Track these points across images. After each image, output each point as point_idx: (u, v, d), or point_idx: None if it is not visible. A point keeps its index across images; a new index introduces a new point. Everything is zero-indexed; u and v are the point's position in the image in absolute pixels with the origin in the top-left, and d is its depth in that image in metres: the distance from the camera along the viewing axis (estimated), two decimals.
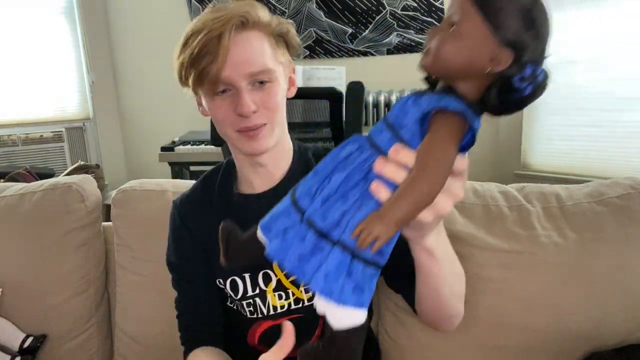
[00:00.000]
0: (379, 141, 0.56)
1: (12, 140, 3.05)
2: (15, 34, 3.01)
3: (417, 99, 0.55)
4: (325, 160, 0.59)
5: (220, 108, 0.80)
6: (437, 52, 0.53)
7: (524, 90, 0.54)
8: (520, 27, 0.51)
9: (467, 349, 0.99)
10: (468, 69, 0.53)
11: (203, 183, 0.95)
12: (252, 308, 0.86)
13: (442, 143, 0.51)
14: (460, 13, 0.52)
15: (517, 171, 2.93)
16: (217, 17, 0.77)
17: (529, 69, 0.52)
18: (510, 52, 0.51)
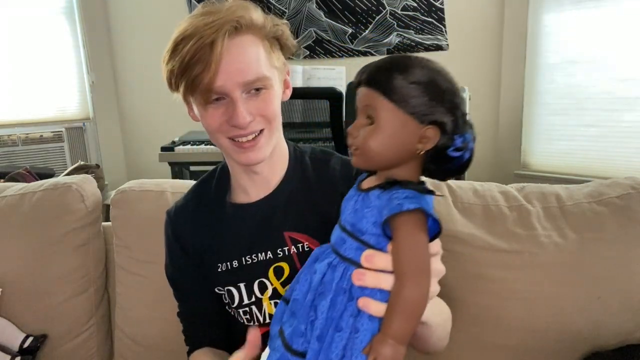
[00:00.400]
0: (346, 253, 0.56)
1: (12, 140, 3.05)
2: (15, 34, 3.01)
3: (365, 198, 0.56)
4: (302, 289, 0.58)
5: (213, 117, 0.77)
6: (365, 149, 0.54)
7: (462, 157, 0.56)
8: (431, 103, 0.52)
9: (467, 349, 0.99)
10: (401, 156, 0.54)
11: (196, 192, 0.93)
12: (248, 316, 0.85)
13: (413, 245, 0.52)
14: (373, 106, 0.53)
15: (517, 171, 2.93)
16: (208, 23, 0.72)
17: (458, 139, 0.54)
18: (435, 128, 0.53)
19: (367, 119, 0.54)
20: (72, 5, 3.11)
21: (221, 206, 0.88)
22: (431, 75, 0.53)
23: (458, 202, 1.04)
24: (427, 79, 0.53)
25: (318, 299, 0.56)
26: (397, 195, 0.52)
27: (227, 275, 0.85)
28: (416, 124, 0.53)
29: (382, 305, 0.53)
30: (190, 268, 0.89)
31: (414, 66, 0.53)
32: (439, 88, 0.53)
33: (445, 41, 2.92)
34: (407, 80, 0.52)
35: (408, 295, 0.51)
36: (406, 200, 0.51)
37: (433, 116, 0.53)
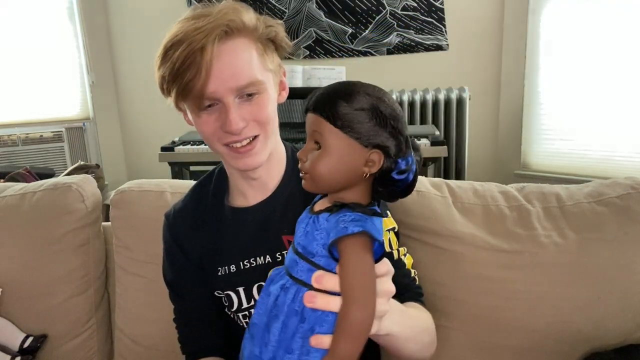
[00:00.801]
0: (298, 275, 0.58)
1: (12, 140, 3.05)
2: (14, 34, 3.01)
3: (315, 221, 0.58)
4: (257, 312, 0.60)
5: (207, 124, 0.76)
6: (314, 173, 0.57)
7: (407, 179, 0.58)
8: (375, 128, 0.55)
9: (467, 349, 0.99)
10: (348, 179, 0.57)
11: (194, 194, 0.92)
12: (248, 320, 0.85)
13: (357, 267, 0.54)
14: (320, 132, 0.56)
15: (517, 171, 2.93)
16: (198, 28, 0.71)
17: (401, 162, 0.56)
18: (379, 152, 0.55)
19: (315, 144, 0.57)
20: (72, 6, 3.11)
21: (219, 210, 0.87)
22: (374, 102, 0.56)
23: (458, 202, 1.04)
24: (370, 105, 0.55)
25: (272, 321, 0.58)
26: (344, 218, 0.54)
27: (226, 280, 0.84)
28: (361, 148, 0.55)
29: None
30: (190, 270, 0.88)
31: (358, 93, 0.56)
32: (381, 114, 0.55)
33: (445, 41, 2.92)
34: (351, 106, 0.55)
35: (353, 317, 0.53)
36: (352, 224, 0.53)
37: (377, 140, 0.55)
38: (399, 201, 1.02)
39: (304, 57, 3.02)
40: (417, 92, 2.84)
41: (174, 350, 1.03)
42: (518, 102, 2.88)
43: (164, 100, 0.81)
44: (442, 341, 0.99)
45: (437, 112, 2.83)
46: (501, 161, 3.00)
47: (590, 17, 2.57)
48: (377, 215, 0.57)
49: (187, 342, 0.92)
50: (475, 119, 2.91)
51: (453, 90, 2.82)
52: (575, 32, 2.63)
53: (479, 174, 2.97)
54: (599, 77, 2.58)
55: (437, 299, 0.99)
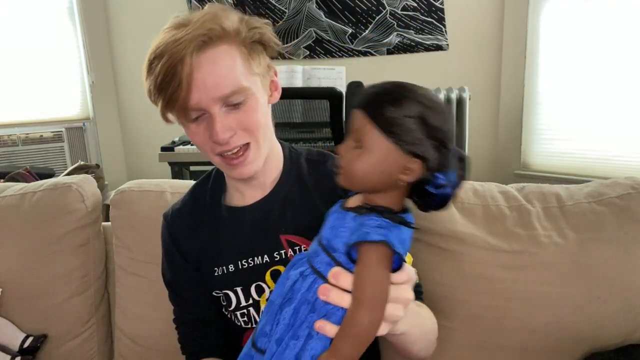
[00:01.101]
0: (318, 265, 0.58)
1: (12, 140, 3.04)
2: (15, 34, 3.01)
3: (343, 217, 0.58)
4: (277, 291, 0.61)
5: (197, 135, 0.76)
6: (349, 171, 0.56)
7: (443, 192, 0.57)
8: (419, 137, 0.53)
9: (467, 349, 0.99)
10: (383, 183, 0.56)
11: (192, 195, 0.92)
12: (246, 318, 0.85)
13: (371, 275, 0.53)
14: (363, 131, 0.55)
15: (517, 171, 2.93)
16: (177, 39, 0.70)
17: (440, 176, 0.55)
18: (418, 162, 0.54)
19: (355, 142, 0.56)
20: (72, 6, 3.11)
21: (217, 209, 0.87)
22: (424, 110, 0.54)
23: (458, 202, 1.04)
24: (418, 113, 0.54)
25: (286, 304, 0.59)
26: (369, 222, 0.54)
27: (224, 279, 0.84)
28: (401, 155, 0.54)
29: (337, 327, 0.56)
30: (189, 271, 0.88)
31: (409, 99, 0.54)
32: (429, 124, 0.54)
33: (445, 41, 2.92)
34: (400, 112, 0.53)
35: (359, 321, 0.53)
36: (375, 230, 0.53)
37: (418, 150, 0.54)
38: None
39: (304, 57, 3.02)
40: None
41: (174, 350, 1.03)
42: (518, 102, 2.88)
43: None
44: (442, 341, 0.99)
45: None
46: (501, 161, 3.00)
47: (590, 17, 2.57)
48: (405, 224, 0.56)
49: (187, 343, 0.92)
50: (475, 119, 2.90)
51: (453, 90, 2.82)
52: (575, 32, 2.63)
53: (479, 174, 2.96)
54: (599, 77, 2.58)
55: (437, 299, 0.99)
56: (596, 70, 2.58)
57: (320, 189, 0.85)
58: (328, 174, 0.85)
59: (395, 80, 0.56)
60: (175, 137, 2.63)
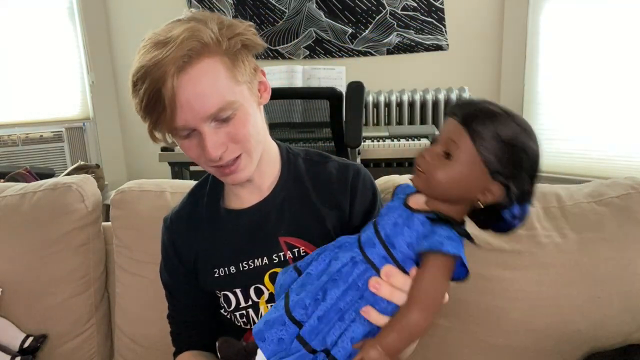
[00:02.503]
0: (372, 256, 0.58)
1: (12, 140, 3.04)
2: (15, 34, 3.01)
3: (409, 218, 0.58)
4: (318, 267, 0.61)
5: (189, 150, 0.76)
6: (432, 178, 0.56)
7: (513, 223, 0.58)
8: (510, 165, 0.54)
9: (467, 349, 0.99)
10: (460, 196, 0.57)
11: (191, 196, 0.92)
12: (245, 319, 0.85)
13: (436, 283, 0.55)
14: (457, 143, 0.55)
15: None
16: (157, 62, 0.67)
17: (516, 207, 0.56)
18: (502, 187, 0.55)
19: (444, 151, 0.56)
20: (72, 6, 3.11)
21: (215, 211, 0.87)
22: (524, 140, 0.54)
23: None
24: (518, 142, 0.54)
25: (330, 284, 0.59)
26: (441, 232, 0.55)
27: (223, 281, 0.84)
28: (487, 176, 0.54)
29: (382, 317, 0.57)
30: (184, 275, 0.89)
31: (512, 125, 0.54)
32: (524, 155, 0.54)
33: (445, 41, 2.92)
34: (501, 134, 0.54)
35: (413, 321, 0.54)
36: (448, 242, 0.54)
37: (503, 176, 0.54)
38: None
39: (304, 57, 3.02)
40: (417, 92, 2.84)
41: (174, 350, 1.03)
42: (518, 102, 2.88)
43: None
44: (442, 341, 1.00)
45: (437, 112, 2.83)
46: None
47: (590, 17, 2.57)
48: (469, 238, 0.58)
49: (177, 339, 0.94)
50: None
51: (453, 90, 2.82)
52: (575, 32, 2.63)
53: None
54: (599, 77, 2.58)
55: None
56: (596, 70, 2.58)
57: (318, 190, 0.85)
58: (327, 175, 0.86)
59: (499, 104, 0.57)
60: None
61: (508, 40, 2.86)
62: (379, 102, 2.85)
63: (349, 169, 0.86)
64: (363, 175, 0.86)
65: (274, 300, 0.82)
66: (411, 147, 2.29)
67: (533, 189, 0.56)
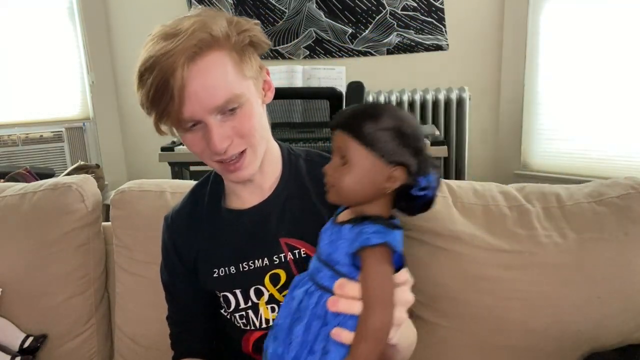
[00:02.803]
0: (322, 281, 0.61)
1: (12, 140, 3.04)
2: (15, 34, 3.01)
3: (339, 231, 0.61)
4: (281, 314, 0.64)
5: (194, 144, 0.76)
6: (339, 187, 0.60)
7: (426, 195, 0.62)
8: (398, 147, 0.58)
9: (467, 349, 0.99)
10: (371, 194, 0.60)
11: (192, 196, 0.92)
12: (244, 320, 0.85)
13: (378, 276, 0.57)
14: (346, 148, 0.59)
15: (517, 171, 2.93)
16: (166, 52, 0.68)
17: (422, 180, 0.60)
18: (401, 169, 0.59)
19: (341, 160, 0.60)
20: (72, 6, 3.11)
21: (216, 211, 0.87)
22: (398, 122, 0.59)
23: (458, 202, 1.04)
24: (394, 125, 0.59)
25: (296, 322, 0.61)
26: (366, 229, 0.58)
27: (222, 281, 0.84)
28: (384, 165, 0.59)
29: (352, 334, 0.58)
30: (184, 275, 0.89)
31: (383, 114, 0.59)
32: (404, 134, 0.59)
33: (445, 41, 2.92)
34: (377, 126, 0.58)
35: (373, 323, 0.56)
36: (374, 235, 0.57)
37: (399, 158, 0.59)
38: None
39: (304, 57, 3.02)
40: (417, 92, 2.84)
41: None
42: (518, 102, 2.88)
43: None
44: (442, 341, 1.00)
45: (437, 112, 2.83)
46: (501, 161, 3.00)
47: (590, 17, 2.57)
48: (397, 228, 0.60)
49: (177, 341, 0.94)
50: (475, 119, 2.90)
51: (453, 90, 2.82)
52: (575, 32, 2.63)
53: (479, 174, 2.96)
54: (599, 77, 2.58)
55: (436, 299, 0.99)
56: (596, 70, 2.58)
57: (320, 191, 0.84)
58: None
59: (367, 103, 0.62)
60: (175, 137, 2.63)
61: (508, 40, 2.86)
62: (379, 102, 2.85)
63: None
64: None
65: (274, 302, 0.82)
66: None
67: (427, 157, 0.61)
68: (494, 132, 3.01)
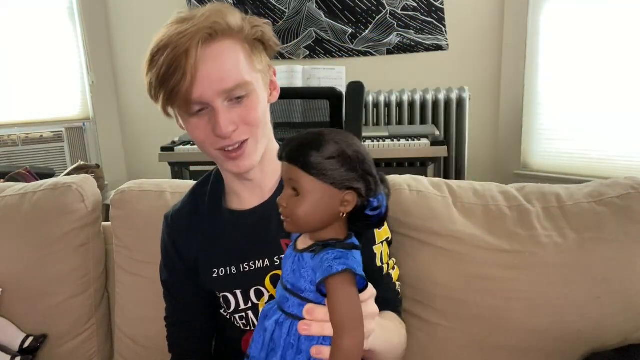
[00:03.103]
0: (290, 310, 0.63)
1: (12, 140, 3.05)
2: (15, 34, 3.01)
3: (301, 259, 0.63)
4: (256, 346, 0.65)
5: (198, 129, 0.76)
6: (294, 218, 0.62)
7: (379, 214, 0.63)
8: (346, 173, 0.60)
9: (467, 349, 0.99)
10: (326, 219, 0.61)
11: (192, 196, 0.92)
12: (244, 321, 0.85)
13: (344, 301, 0.58)
14: (296, 180, 0.60)
15: (517, 171, 2.93)
16: (182, 32, 0.70)
17: (373, 200, 0.62)
18: (352, 193, 0.60)
19: (293, 191, 0.61)
20: (72, 6, 3.11)
21: (216, 212, 0.87)
22: (343, 148, 0.60)
23: (458, 202, 1.04)
24: (339, 152, 0.60)
25: (270, 355, 0.63)
26: (327, 256, 0.59)
27: (222, 282, 0.84)
28: (336, 191, 0.60)
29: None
30: (184, 273, 0.89)
31: (327, 142, 0.60)
32: (350, 159, 0.60)
33: (445, 41, 2.92)
34: (322, 155, 0.59)
35: (344, 346, 0.57)
36: (335, 262, 0.58)
37: (349, 183, 0.60)
38: (398, 201, 1.02)
39: (304, 57, 3.02)
40: (417, 92, 2.84)
41: None
42: (518, 102, 2.88)
43: None
44: (442, 341, 1.00)
45: (437, 112, 2.83)
46: (501, 161, 3.00)
47: (590, 17, 2.57)
48: (356, 248, 0.62)
49: (174, 343, 0.93)
50: (475, 119, 2.90)
51: (453, 90, 2.82)
52: (575, 32, 2.63)
53: (479, 174, 2.96)
54: (599, 77, 2.58)
55: (437, 299, 0.99)
56: (596, 70, 2.58)
57: None
58: None
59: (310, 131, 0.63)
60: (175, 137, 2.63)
61: (508, 40, 2.86)
62: (379, 102, 2.85)
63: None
64: None
65: None
66: (411, 147, 2.29)
67: (375, 177, 0.62)
68: (494, 132, 3.01)
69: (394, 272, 0.88)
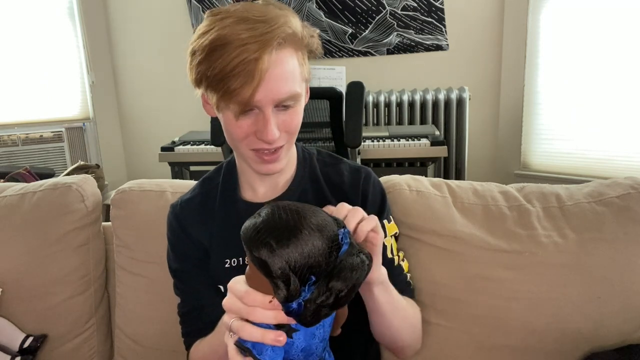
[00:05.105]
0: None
1: (12, 140, 3.05)
2: (15, 34, 3.01)
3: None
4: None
5: (241, 128, 0.76)
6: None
7: (304, 313, 0.57)
8: (268, 276, 0.57)
9: (467, 349, 0.99)
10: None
11: (203, 187, 0.92)
12: None
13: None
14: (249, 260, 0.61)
15: (517, 171, 2.93)
16: (255, 36, 0.69)
17: (291, 304, 0.57)
18: (282, 285, 0.57)
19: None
20: (72, 6, 3.12)
21: (230, 201, 0.88)
22: (268, 255, 0.58)
23: (458, 202, 1.04)
24: (265, 256, 0.57)
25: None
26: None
27: (234, 272, 0.84)
28: (267, 281, 0.58)
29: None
30: (198, 258, 0.89)
31: (257, 243, 0.59)
32: (270, 268, 0.57)
33: (445, 41, 2.92)
34: (253, 254, 0.59)
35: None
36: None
37: (273, 278, 0.57)
38: (398, 201, 1.02)
39: None
40: (417, 92, 2.84)
41: (174, 350, 1.03)
42: (518, 102, 2.88)
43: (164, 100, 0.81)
44: (442, 341, 1.00)
45: (437, 112, 2.84)
46: (501, 161, 3.00)
47: (590, 17, 2.57)
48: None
49: (190, 332, 0.90)
50: (475, 119, 2.91)
51: (453, 90, 2.82)
52: (575, 32, 2.63)
53: (479, 174, 2.97)
54: (599, 77, 2.58)
55: (437, 299, 0.99)
56: (596, 70, 2.58)
57: (332, 190, 0.87)
58: (339, 177, 0.88)
59: (264, 218, 0.61)
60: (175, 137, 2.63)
61: (508, 40, 2.86)
62: (379, 102, 2.85)
63: (360, 172, 0.89)
64: (373, 179, 0.89)
65: None
66: (411, 147, 2.29)
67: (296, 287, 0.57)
68: (493, 132, 3.01)
69: (404, 264, 0.92)
